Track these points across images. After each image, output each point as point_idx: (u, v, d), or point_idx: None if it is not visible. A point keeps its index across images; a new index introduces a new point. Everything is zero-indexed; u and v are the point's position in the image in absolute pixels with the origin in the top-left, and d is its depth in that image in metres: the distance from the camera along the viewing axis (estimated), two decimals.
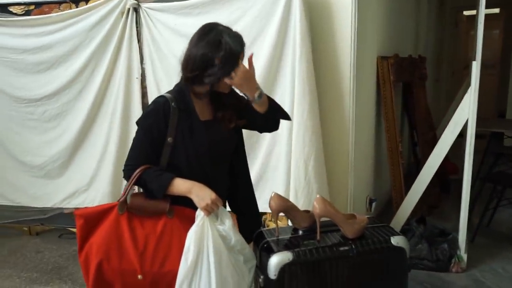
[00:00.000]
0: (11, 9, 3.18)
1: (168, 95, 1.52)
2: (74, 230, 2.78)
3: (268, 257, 1.49)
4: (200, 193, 1.45)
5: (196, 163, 1.52)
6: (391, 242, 1.58)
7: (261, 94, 1.52)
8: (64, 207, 3.19)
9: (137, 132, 1.54)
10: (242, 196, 1.74)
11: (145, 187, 1.50)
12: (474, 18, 3.38)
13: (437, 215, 3.58)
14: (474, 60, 2.53)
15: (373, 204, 3.05)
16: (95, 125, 3.08)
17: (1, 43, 3.11)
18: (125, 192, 1.50)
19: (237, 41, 1.51)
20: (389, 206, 3.44)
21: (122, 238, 1.46)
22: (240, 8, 2.51)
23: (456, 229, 2.74)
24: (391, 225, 2.98)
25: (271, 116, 1.62)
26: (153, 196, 1.48)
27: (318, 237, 1.57)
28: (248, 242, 1.59)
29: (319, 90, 2.48)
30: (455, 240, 2.72)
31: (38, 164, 3.23)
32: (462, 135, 2.71)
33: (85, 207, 1.53)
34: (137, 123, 1.55)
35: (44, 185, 3.24)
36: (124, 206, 1.49)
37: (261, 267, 1.52)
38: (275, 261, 1.47)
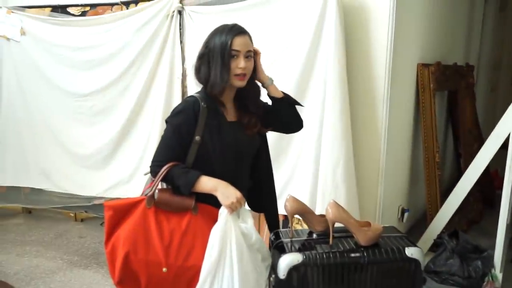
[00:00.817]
0: (69, 10, 3.43)
1: (197, 95, 1.58)
2: None
3: (279, 257, 1.53)
4: (225, 191, 1.49)
5: (222, 162, 1.57)
6: (405, 253, 1.55)
7: (272, 80, 1.65)
8: (106, 196, 3.39)
9: (166, 130, 1.58)
10: (263, 199, 1.79)
11: (172, 184, 1.55)
12: None
13: (477, 231, 3.43)
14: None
15: (406, 215, 2.98)
16: (137, 122, 3.23)
17: (58, 41, 3.36)
18: (153, 187, 1.55)
19: (226, 32, 1.54)
20: (424, 218, 3.34)
21: (149, 231, 1.51)
22: (276, 11, 2.55)
23: (494, 246, 2.62)
24: (423, 238, 2.91)
25: (289, 102, 1.71)
26: (180, 193, 1.53)
27: (330, 242, 1.58)
28: None
29: (352, 96, 2.47)
30: (490, 257, 2.60)
31: (85, 155, 3.43)
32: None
33: (115, 200, 1.58)
34: (167, 121, 1.59)
35: (89, 175, 3.43)
36: (152, 201, 1.53)
37: (273, 266, 1.56)
38: (285, 261, 1.50)
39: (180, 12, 2.93)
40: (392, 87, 2.53)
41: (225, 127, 1.59)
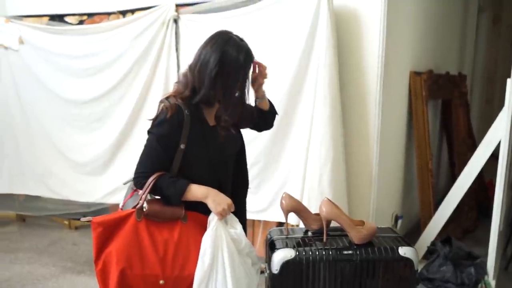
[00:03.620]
0: (67, 19, 3.48)
1: (179, 101, 1.52)
2: None
3: (273, 252, 1.55)
4: (216, 199, 1.49)
5: (208, 168, 1.56)
6: (398, 252, 1.56)
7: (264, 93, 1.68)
8: (104, 202, 3.39)
9: (149, 140, 1.53)
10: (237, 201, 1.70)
11: (161, 194, 1.52)
12: None
13: (471, 240, 3.43)
14: (509, 77, 2.46)
15: (399, 221, 2.99)
16: (135, 129, 3.24)
17: (56, 50, 3.39)
18: (140, 199, 1.50)
19: (245, 56, 1.53)
20: (419, 226, 3.35)
21: (143, 244, 1.47)
22: (270, 18, 2.60)
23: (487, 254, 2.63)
24: (417, 245, 2.92)
25: (273, 112, 1.78)
26: (170, 203, 1.51)
27: (324, 239, 1.60)
28: None
29: (344, 102, 2.51)
30: (484, 264, 2.61)
31: (83, 162, 3.44)
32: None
33: (102, 215, 1.51)
34: (149, 131, 1.54)
35: (87, 181, 3.43)
36: (141, 213, 1.50)
37: (268, 262, 1.58)
38: (278, 257, 1.52)
39: (175, 21, 2.98)
40: (384, 94, 2.57)
41: (208, 133, 1.57)
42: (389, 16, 2.50)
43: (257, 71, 1.65)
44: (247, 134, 2.34)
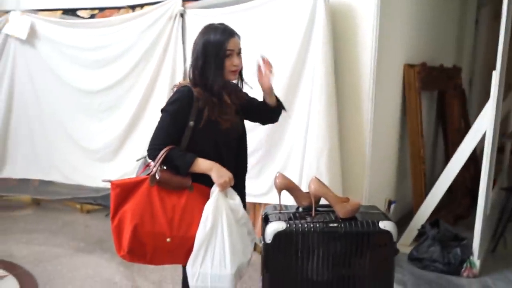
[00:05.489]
0: (79, 13, 3.66)
1: (190, 84, 1.74)
2: None
3: (266, 225, 1.74)
4: (219, 171, 1.68)
5: (213, 146, 1.75)
6: (378, 226, 1.74)
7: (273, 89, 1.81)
8: None
9: (162, 117, 1.71)
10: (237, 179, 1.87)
11: (171, 164, 1.71)
12: None
13: (464, 226, 3.57)
14: (495, 69, 2.60)
15: (392, 206, 3.15)
16: (143, 117, 3.43)
17: (69, 42, 3.59)
18: (154, 168, 1.70)
19: (221, 33, 1.69)
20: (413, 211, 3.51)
21: (154, 206, 1.66)
22: (270, 13, 2.77)
23: None
24: (409, 228, 3.09)
25: (280, 108, 1.90)
26: (178, 173, 1.70)
27: (313, 213, 1.78)
28: None
29: (339, 93, 2.67)
30: (469, 245, 2.77)
31: (94, 149, 3.65)
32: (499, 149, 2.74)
33: (121, 179, 1.72)
34: (163, 109, 1.72)
35: (98, 167, 3.64)
36: (154, 180, 1.67)
37: (262, 233, 1.76)
38: (271, 228, 1.72)
39: (182, 15, 3.15)
40: (377, 86, 2.73)
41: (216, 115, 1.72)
42: (383, 11, 2.65)
43: (261, 65, 1.79)
44: (249, 122, 2.52)
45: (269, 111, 1.90)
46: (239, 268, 1.65)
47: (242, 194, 1.92)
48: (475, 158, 3.73)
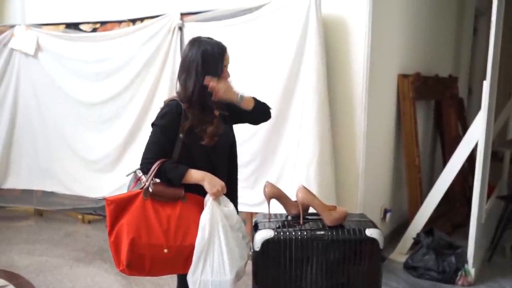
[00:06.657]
0: (81, 27, 3.75)
1: (177, 98, 1.79)
2: None
3: (255, 233, 1.79)
4: (212, 181, 1.74)
5: (204, 156, 1.80)
6: (365, 233, 1.77)
7: (241, 97, 1.81)
8: None
9: (153, 131, 1.77)
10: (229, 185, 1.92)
11: (164, 177, 1.76)
12: None
13: (461, 234, 3.57)
14: (485, 79, 2.63)
15: (388, 215, 3.18)
16: (142, 128, 3.47)
17: (71, 55, 3.67)
18: (146, 182, 1.75)
19: (217, 48, 1.75)
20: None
21: (149, 218, 1.71)
22: (264, 26, 2.83)
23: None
24: (405, 237, 3.11)
25: (260, 108, 1.92)
26: (171, 185, 1.76)
27: (300, 221, 1.82)
28: None
29: (332, 103, 2.72)
30: (464, 253, 2.78)
31: (94, 160, 3.70)
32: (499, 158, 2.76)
33: (115, 195, 1.76)
34: (153, 124, 1.77)
35: (97, 178, 3.68)
36: (148, 193, 1.73)
37: (252, 241, 1.80)
38: (259, 236, 1.76)
39: (180, 28, 3.23)
40: (371, 95, 2.77)
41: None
42: (375, 23, 2.71)
43: (211, 87, 1.75)
44: (244, 133, 2.58)
45: (253, 113, 1.91)
46: (237, 272, 1.72)
47: (234, 200, 1.98)
48: (473, 168, 3.73)
